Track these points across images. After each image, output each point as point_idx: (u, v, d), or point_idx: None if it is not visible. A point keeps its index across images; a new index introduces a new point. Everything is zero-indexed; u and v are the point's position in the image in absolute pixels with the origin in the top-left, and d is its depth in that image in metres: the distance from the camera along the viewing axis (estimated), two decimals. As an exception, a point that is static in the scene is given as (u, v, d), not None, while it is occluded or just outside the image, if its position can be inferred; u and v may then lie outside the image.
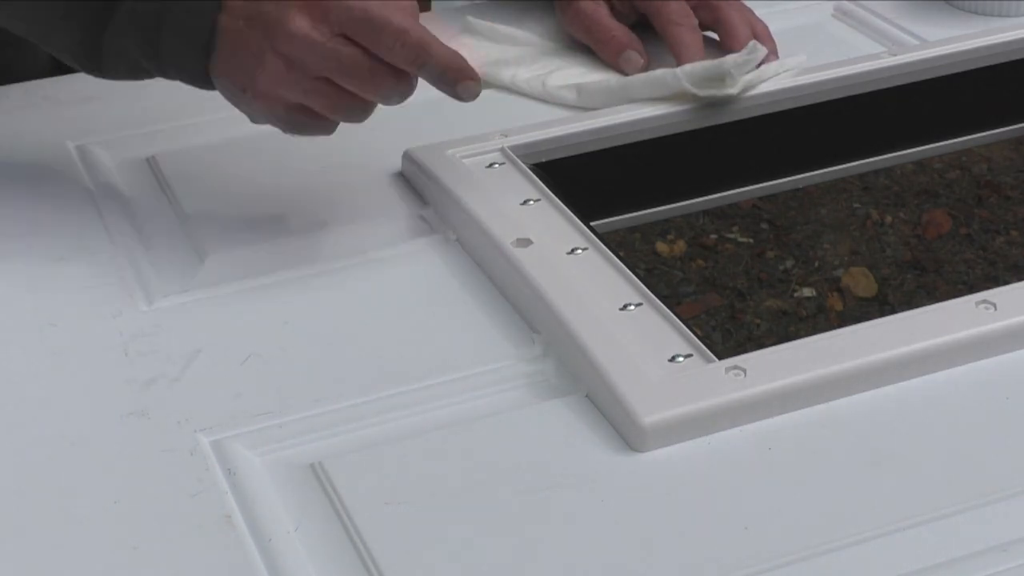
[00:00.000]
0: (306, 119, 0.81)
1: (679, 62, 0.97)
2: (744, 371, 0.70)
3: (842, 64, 0.99)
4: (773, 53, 0.99)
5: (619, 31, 1.01)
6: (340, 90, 0.79)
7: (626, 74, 1.00)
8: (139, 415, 0.73)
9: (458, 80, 0.80)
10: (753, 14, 1.01)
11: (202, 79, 0.81)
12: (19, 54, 1.03)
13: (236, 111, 0.83)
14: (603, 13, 1.02)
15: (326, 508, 0.66)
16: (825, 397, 0.71)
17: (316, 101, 0.80)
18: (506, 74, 1.02)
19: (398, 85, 0.79)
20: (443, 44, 0.79)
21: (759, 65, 0.96)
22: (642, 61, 1.00)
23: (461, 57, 0.79)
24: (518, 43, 1.06)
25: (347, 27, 0.77)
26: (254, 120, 0.82)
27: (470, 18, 1.07)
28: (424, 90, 1.03)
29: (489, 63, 1.03)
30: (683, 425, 0.69)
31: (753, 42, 0.95)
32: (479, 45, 1.06)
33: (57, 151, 0.96)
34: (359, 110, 0.81)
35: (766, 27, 1.01)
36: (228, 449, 0.70)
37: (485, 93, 1.01)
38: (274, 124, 0.82)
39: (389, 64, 0.78)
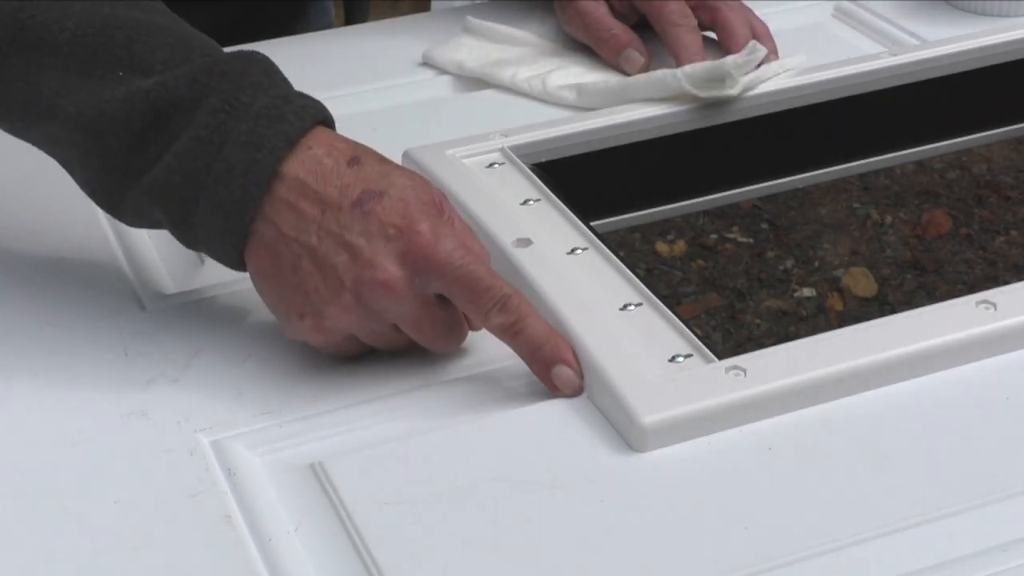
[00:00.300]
0: (354, 351, 0.75)
1: (679, 63, 0.97)
2: (744, 371, 0.70)
3: (842, 64, 0.99)
4: (773, 53, 0.99)
5: (619, 30, 1.01)
6: (403, 334, 0.73)
7: (627, 73, 1.00)
8: (139, 415, 0.73)
9: (553, 363, 0.72)
10: (753, 14, 1.01)
11: (238, 267, 0.75)
12: None
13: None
14: (603, 12, 1.02)
15: (326, 508, 0.66)
16: (825, 397, 0.71)
17: (377, 342, 0.74)
18: (506, 74, 1.02)
19: (463, 338, 0.75)
20: (541, 317, 0.73)
21: (759, 65, 0.96)
22: (643, 60, 1.00)
23: (559, 337, 0.73)
24: (518, 43, 1.06)
25: (447, 286, 0.71)
26: (293, 337, 0.75)
27: (470, 18, 1.07)
28: (424, 90, 1.03)
29: (489, 63, 1.03)
30: (683, 425, 0.69)
31: (753, 42, 0.95)
32: (479, 45, 1.06)
33: (57, 151, 0.96)
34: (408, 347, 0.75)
35: (766, 27, 1.01)
36: (228, 449, 0.70)
37: (485, 93, 1.02)
38: (317, 347, 0.75)
39: (467, 321, 0.74)
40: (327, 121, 0.75)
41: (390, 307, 0.71)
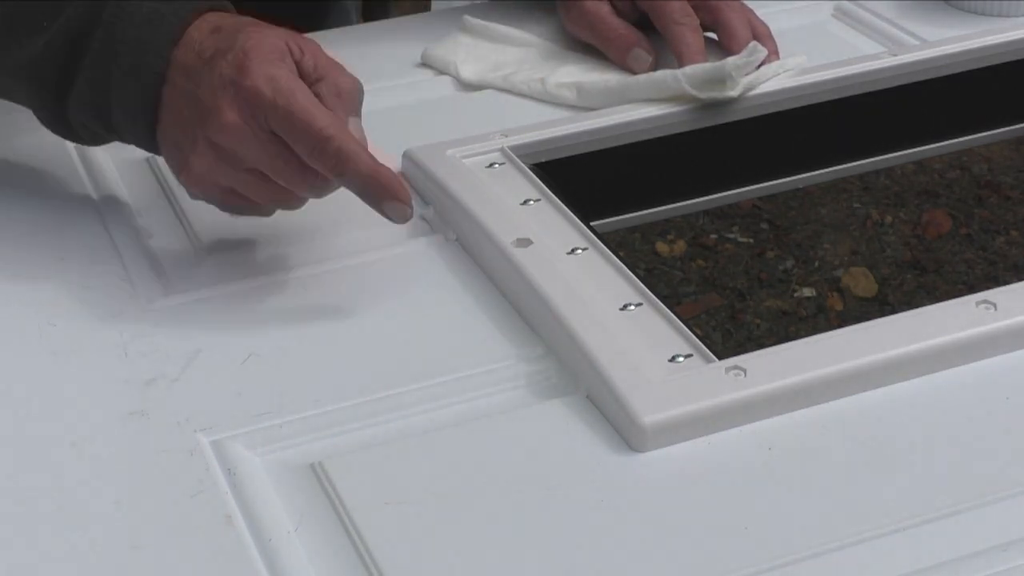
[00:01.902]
0: (241, 203, 0.81)
1: (681, 62, 0.97)
2: (744, 371, 0.70)
3: (842, 64, 0.99)
4: (774, 53, 0.99)
5: (625, 29, 1.02)
6: (271, 182, 0.79)
7: (634, 72, 1.00)
8: (139, 415, 0.73)
9: (383, 198, 0.77)
10: (754, 14, 1.01)
11: (154, 147, 0.83)
12: None
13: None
14: (607, 12, 1.02)
15: (326, 508, 0.66)
16: (825, 397, 0.71)
17: (248, 190, 0.80)
18: (505, 74, 1.02)
19: (327, 184, 0.79)
20: (369, 156, 0.77)
21: (759, 66, 0.96)
22: (650, 59, 1.00)
23: (389, 173, 0.77)
24: (516, 43, 1.06)
25: (273, 125, 0.76)
26: (192, 196, 0.83)
27: (468, 18, 1.07)
28: (424, 90, 1.03)
29: (488, 63, 1.03)
30: (683, 425, 0.69)
31: (753, 43, 0.95)
32: (477, 45, 1.06)
33: (57, 151, 0.96)
34: (293, 201, 0.81)
35: (767, 27, 1.01)
36: (228, 449, 0.70)
37: (485, 93, 1.02)
38: (210, 203, 0.82)
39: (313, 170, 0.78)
40: (216, 7, 0.82)
41: (237, 148, 0.77)
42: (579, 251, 0.81)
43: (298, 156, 0.77)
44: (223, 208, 0.82)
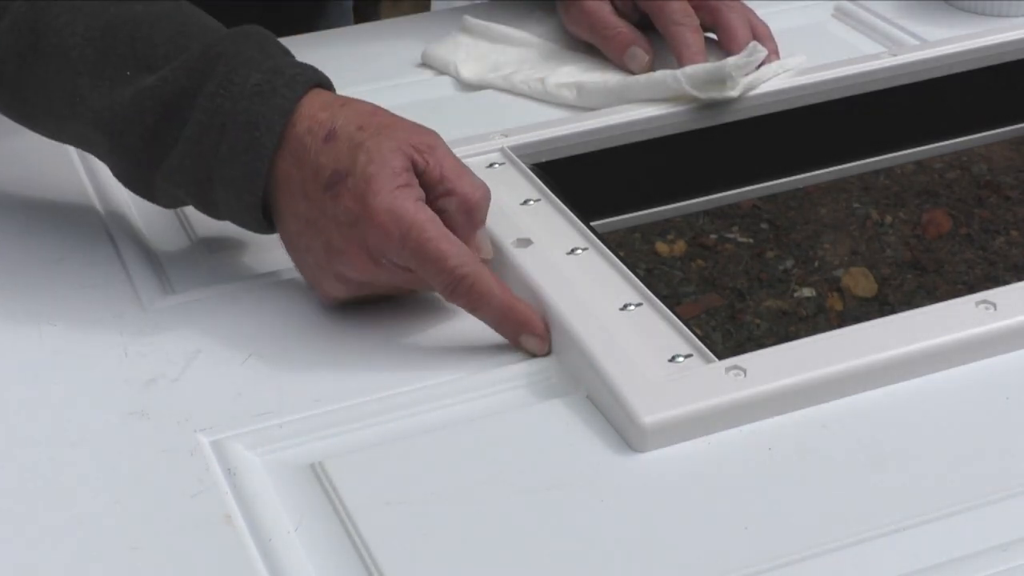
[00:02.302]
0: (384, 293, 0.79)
1: (681, 62, 0.97)
2: (744, 371, 0.70)
3: (842, 64, 0.99)
4: (774, 53, 0.99)
5: (624, 28, 1.02)
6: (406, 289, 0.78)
7: (631, 71, 1.00)
8: (139, 415, 0.73)
9: (519, 332, 0.75)
10: (754, 15, 1.01)
11: (264, 230, 0.79)
12: None
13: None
14: (607, 11, 1.03)
15: (326, 508, 0.66)
16: (825, 397, 0.71)
17: (386, 292, 0.79)
18: (505, 74, 1.02)
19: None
20: (502, 291, 0.75)
21: (759, 66, 0.96)
22: (647, 58, 1.00)
23: (523, 307, 0.75)
24: (516, 43, 1.06)
25: (403, 263, 0.75)
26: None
27: (468, 18, 1.07)
28: (424, 90, 1.03)
29: (488, 63, 1.03)
30: (683, 425, 0.69)
31: (753, 43, 0.95)
32: (477, 45, 1.06)
33: (57, 151, 0.95)
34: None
35: (767, 28, 1.01)
36: (228, 449, 0.70)
37: (485, 93, 1.02)
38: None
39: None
40: (323, 83, 0.79)
41: (373, 280, 0.76)
42: (579, 251, 0.81)
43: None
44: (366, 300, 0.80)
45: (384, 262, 0.75)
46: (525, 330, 0.75)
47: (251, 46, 0.78)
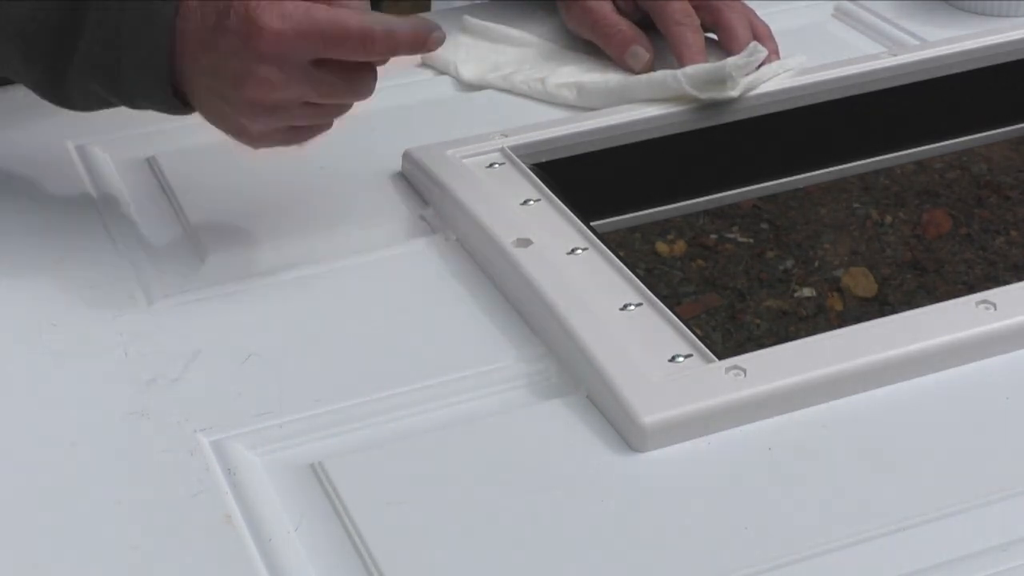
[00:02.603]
0: (304, 134, 0.82)
1: (681, 62, 0.97)
2: (744, 371, 0.70)
3: (842, 64, 0.99)
4: (775, 53, 0.99)
5: (625, 26, 1.02)
6: (323, 104, 0.80)
7: (632, 70, 1.00)
8: (139, 415, 0.73)
9: (425, 42, 0.78)
10: (754, 14, 1.01)
11: (175, 106, 0.82)
12: None
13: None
14: (608, 10, 1.03)
15: (326, 508, 0.66)
16: (825, 397, 0.71)
17: (306, 120, 0.81)
18: (505, 74, 1.02)
19: (372, 79, 0.80)
20: (398, 21, 0.78)
21: (760, 66, 0.96)
22: (648, 56, 1.00)
23: (421, 23, 0.78)
24: (516, 43, 1.06)
25: (309, 55, 0.77)
26: (257, 148, 0.83)
27: (468, 18, 1.07)
28: (424, 90, 1.03)
29: (488, 63, 1.03)
30: (683, 425, 0.69)
31: (753, 43, 0.95)
32: (476, 45, 1.06)
33: (57, 151, 0.96)
34: (344, 108, 0.82)
35: (767, 28, 1.01)
36: (228, 449, 0.70)
37: (485, 93, 1.02)
38: (278, 146, 0.83)
39: (361, 65, 0.79)
40: None
41: (281, 96, 0.78)
42: (579, 251, 0.81)
43: (343, 74, 0.78)
44: (288, 144, 0.82)
45: (287, 68, 0.76)
46: (428, 33, 0.77)
47: None
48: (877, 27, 1.08)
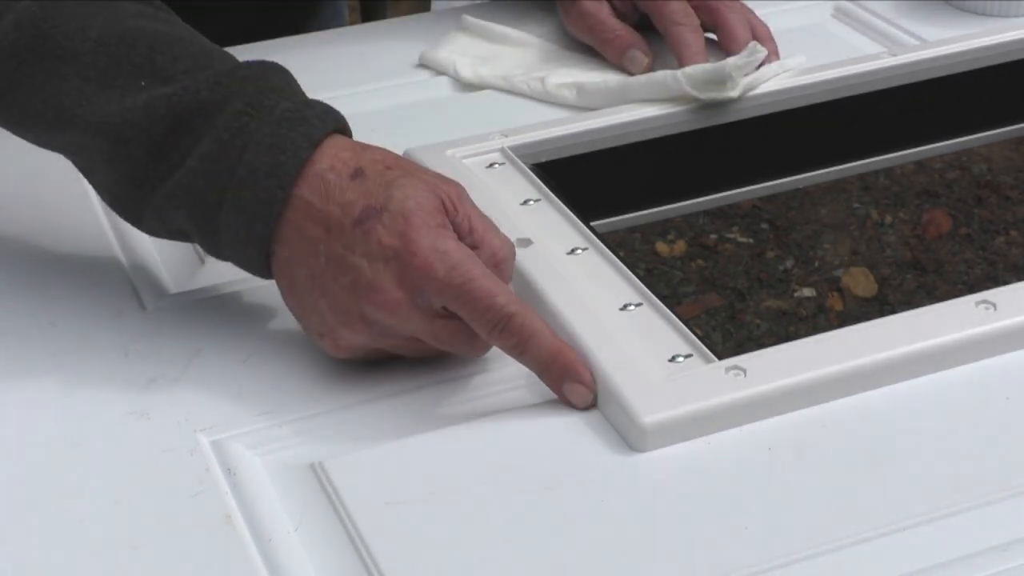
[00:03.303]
0: (385, 356, 0.75)
1: (681, 62, 0.97)
2: (744, 371, 0.70)
3: (842, 64, 0.99)
4: (774, 54, 0.99)
5: (623, 30, 1.02)
6: (426, 344, 0.73)
7: (630, 73, 1.00)
8: (139, 415, 0.73)
9: (564, 379, 0.71)
10: (754, 15, 1.01)
11: (261, 269, 0.75)
12: None
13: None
14: (606, 13, 1.03)
15: (326, 508, 0.66)
16: (825, 397, 0.71)
17: (399, 352, 0.74)
18: (505, 74, 1.02)
19: (488, 347, 0.74)
20: (551, 334, 0.71)
21: (759, 66, 0.96)
22: (646, 60, 1.00)
23: (571, 353, 0.71)
24: (516, 43, 1.06)
25: (445, 303, 0.70)
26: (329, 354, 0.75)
27: (467, 17, 1.07)
28: (423, 90, 1.03)
29: (488, 63, 1.03)
30: (683, 425, 0.69)
31: (753, 43, 0.95)
32: (476, 45, 1.06)
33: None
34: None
35: (767, 28, 1.01)
36: (228, 449, 0.70)
37: (485, 93, 1.02)
38: (353, 359, 0.75)
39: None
40: (344, 129, 0.76)
41: (398, 325, 0.71)
42: (579, 251, 0.81)
43: (464, 325, 0.71)
44: (364, 360, 0.75)
45: (419, 303, 0.70)
46: (571, 377, 0.71)
47: (280, 76, 0.75)
48: (877, 27, 1.08)
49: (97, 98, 0.74)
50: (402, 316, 0.71)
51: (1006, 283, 0.79)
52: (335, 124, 0.74)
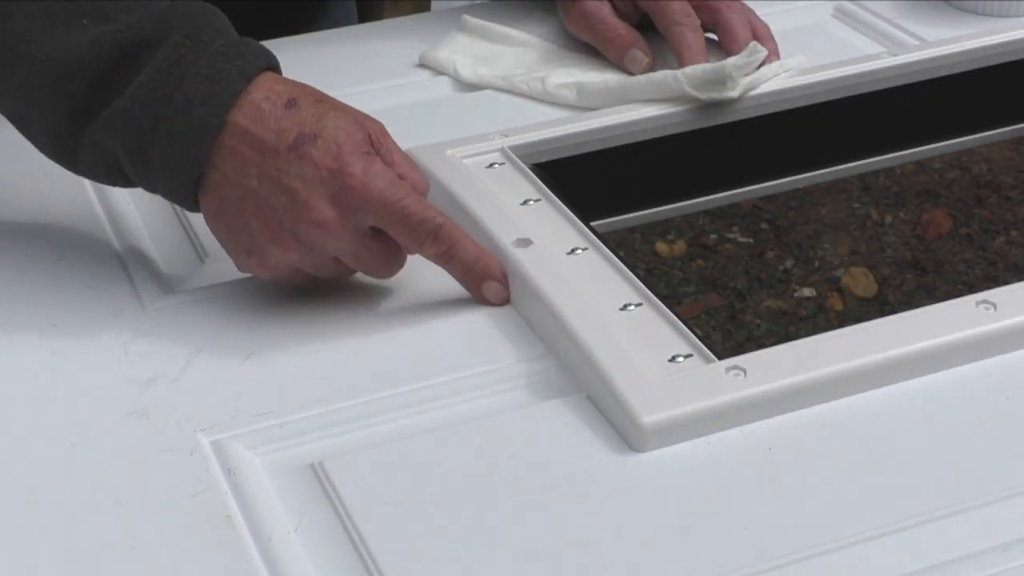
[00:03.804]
0: (305, 281, 0.80)
1: (681, 62, 0.97)
2: (744, 371, 0.70)
3: (842, 64, 0.99)
4: (774, 54, 0.99)
5: (624, 30, 1.02)
6: (344, 265, 0.78)
7: (631, 73, 1.00)
8: (139, 415, 0.73)
9: (483, 280, 0.79)
10: (754, 15, 1.01)
11: (189, 197, 0.78)
12: None
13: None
14: (607, 13, 1.03)
15: (326, 508, 0.66)
16: (825, 397, 0.71)
17: (320, 272, 0.79)
18: (505, 74, 1.02)
19: (400, 265, 0.80)
20: (471, 239, 0.79)
21: (759, 66, 0.96)
22: (647, 60, 1.00)
23: (488, 255, 0.79)
24: (516, 43, 1.06)
25: (378, 220, 0.76)
26: (253, 275, 0.80)
27: (467, 17, 1.07)
28: (423, 90, 1.03)
29: (488, 63, 1.03)
30: (683, 425, 0.69)
31: (753, 44, 0.95)
32: (476, 45, 1.06)
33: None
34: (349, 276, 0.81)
35: (767, 28, 1.01)
36: (228, 449, 0.70)
37: (485, 93, 1.02)
38: (272, 281, 0.80)
39: (399, 248, 0.78)
40: (277, 68, 0.80)
41: (328, 244, 0.76)
42: (579, 251, 0.81)
43: (390, 250, 0.78)
44: (285, 283, 0.80)
45: (353, 221, 0.76)
46: (489, 277, 0.79)
47: (218, 17, 0.79)
48: (877, 27, 1.09)
49: (42, 35, 0.77)
50: (333, 235, 0.76)
51: (1006, 283, 0.79)
52: (268, 61, 0.79)
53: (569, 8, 1.04)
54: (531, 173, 0.88)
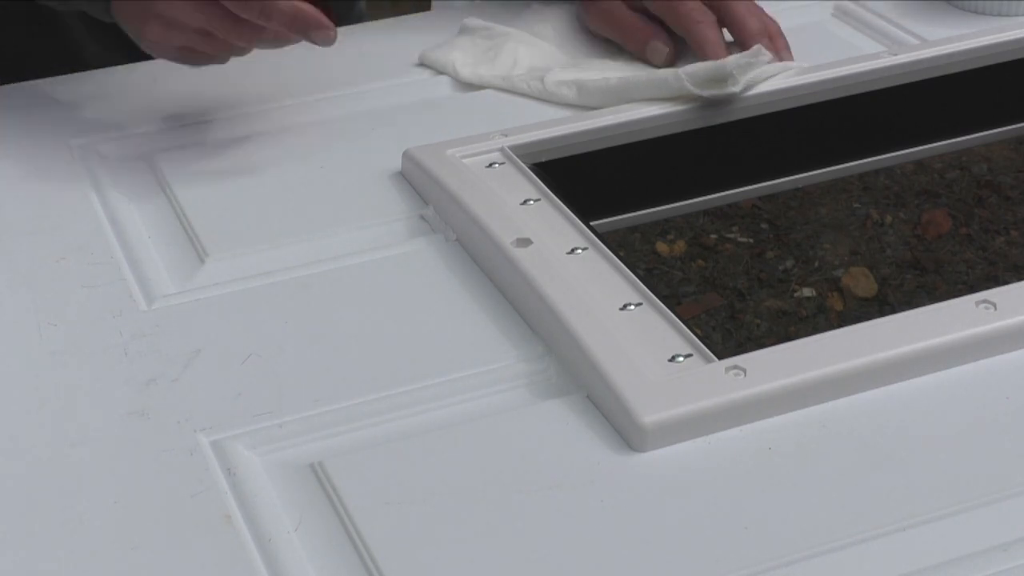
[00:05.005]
0: (197, 57, 0.92)
1: (704, 58, 0.97)
2: (744, 371, 0.70)
3: (842, 64, 0.99)
4: (785, 50, 0.99)
5: (644, 23, 1.02)
6: (217, 37, 0.89)
7: (654, 65, 1.00)
8: (139, 415, 0.73)
9: (307, 28, 0.86)
10: (763, 12, 1.01)
11: (105, 14, 0.93)
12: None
13: (237, 111, 0.82)
14: (626, 8, 1.03)
15: (326, 508, 0.66)
16: (825, 397, 0.71)
17: (199, 46, 0.90)
18: (504, 74, 1.02)
19: (262, 32, 0.88)
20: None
21: (761, 66, 0.96)
22: (667, 50, 1.01)
23: (308, 7, 0.86)
24: (516, 43, 1.06)
25: None
26: (156, 56, 0.93)
27: (467, 17, 1.07)
28: (423, 90, 1.03)
29: (488, 63, 1.03)
30: (683, 425, 0.69)
31: (758, 46, 0.95)
32: (476, 45, 1.06)
33: (58, 150, 0.96)
34: (238, 50, 0.91)
35: (776, 24, 1.01)
36: (228, 449, 0.70)
37: (485, 93, 1.02)
38: (173, 60, 0.93)
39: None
40: None
41: (179, 15, 0.88)
42: (579, 251, 0.81)
43: (230, 14, 0.86)
44: (184, 63, 0.93)
45: None
46: (313, 25, 0.86)
47: None
48: (877, 27, 1.09)
49: None
50: (179, 7, 0.88)
51: (1006, 283, 0.79)
52: None
53: (589, 7, 1.05)
54: (531, 173, 0.88)
